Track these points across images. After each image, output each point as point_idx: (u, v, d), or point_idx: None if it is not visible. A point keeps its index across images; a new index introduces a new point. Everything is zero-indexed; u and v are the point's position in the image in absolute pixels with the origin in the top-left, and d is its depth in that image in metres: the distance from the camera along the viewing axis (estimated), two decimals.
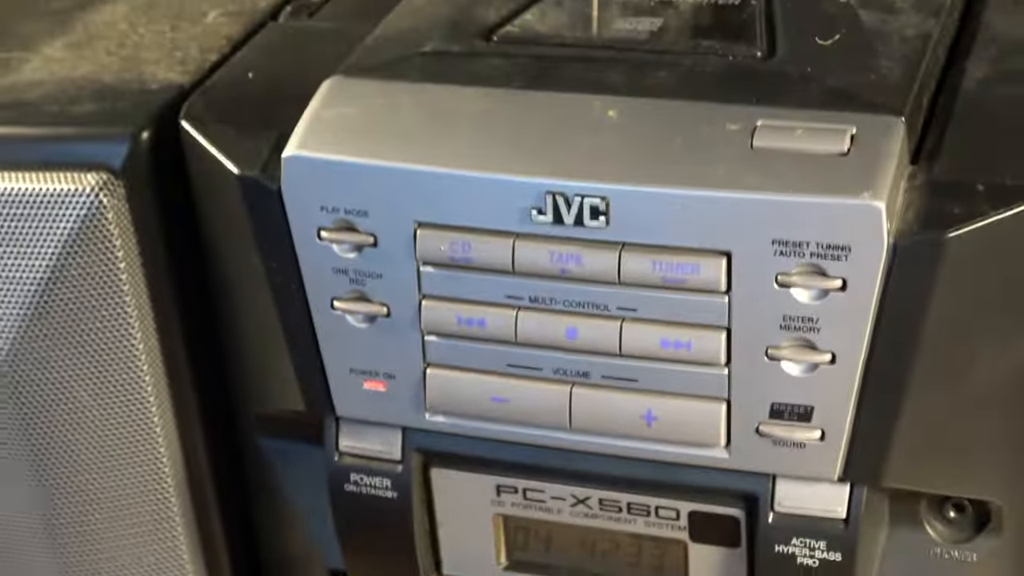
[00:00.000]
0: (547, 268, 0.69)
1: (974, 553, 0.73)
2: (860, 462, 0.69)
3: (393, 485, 0.76)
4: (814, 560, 0.72)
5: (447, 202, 0.69)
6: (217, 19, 0.84)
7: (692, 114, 0.69)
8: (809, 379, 0.68)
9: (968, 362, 0.67)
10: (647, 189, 0.66)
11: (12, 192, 0.74)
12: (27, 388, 0.78)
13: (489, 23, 0.77)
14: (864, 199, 0.63)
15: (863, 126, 0.66)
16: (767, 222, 0.65)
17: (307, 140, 0.71)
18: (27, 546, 0.83)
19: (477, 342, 0.72)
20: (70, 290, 0.76)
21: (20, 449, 0.80)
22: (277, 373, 0.77)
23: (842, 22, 0.75)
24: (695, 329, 0.69)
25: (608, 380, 0.71)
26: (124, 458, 0.81)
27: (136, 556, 0.84)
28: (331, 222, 0.71)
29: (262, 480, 0.84)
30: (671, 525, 0.74)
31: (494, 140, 0.70)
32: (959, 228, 0.64)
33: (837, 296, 0.65)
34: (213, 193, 0.75)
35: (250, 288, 0.76)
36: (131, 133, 0.75)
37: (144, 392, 0.79)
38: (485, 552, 0.78)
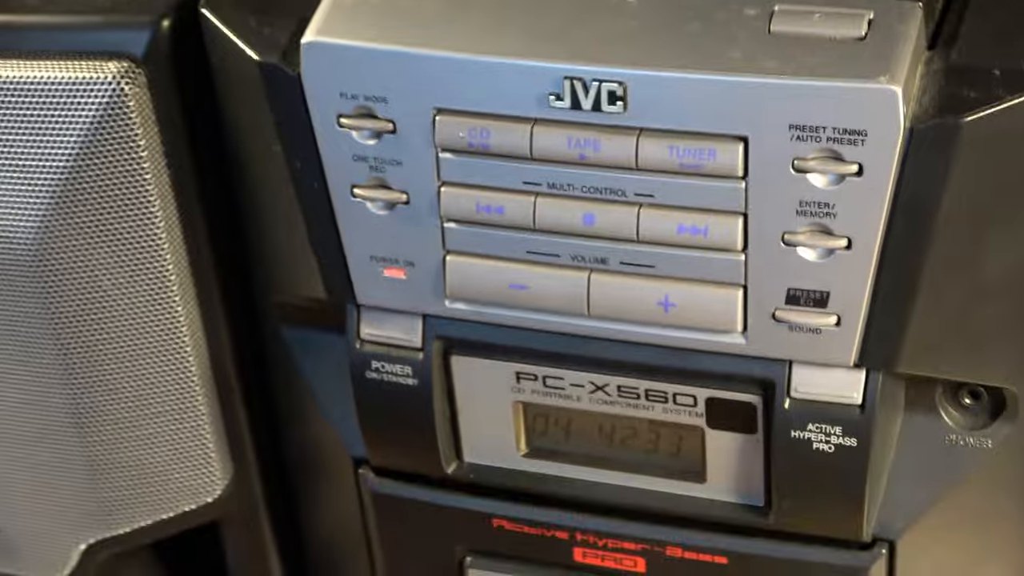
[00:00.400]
0: (565, 154, 0.70)
1: (989, 440, 0.74)
2: (876, 348, 0.70)
3: (414, 372, 0.77)
4: (830, 446, 0.72)
5: (465, 88, 0.70)
6: None
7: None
8: (825, 265, 0.69)
9: (984, 248, 0.68)
10: (664, 74, 0.67)
11: (34, 80, 0.75)
12: (52, 275, 0.80)
13: None
14: (880, 83, 0.64)
15: (881, 11, 0.66)
16: (784, 107, 0.65)
17: (326, 26, 0.71)
18: (57, 432, 0.85)
19: (496, 229, 0.73)
20: (92, 178, 0.77)
21: (46, 336, 0.81)
22: (298, 261, 0.78)
23: None
24: (712, 215, 0.69)
25: (625, 266, 0.72)
26: (148, 346, 0.82)
27: (161, 444, 0.85)
28: (350, 109, 0.72)
29: (285, 369, 0.85)
30: (688, 411, 0.75)
31: (512, 25, 0.70)
32: (975, 113, 0.64)
33: (853, 181, 0.66)
34: (234, 81, 0.76)
35: (271, 176, 0.77)
36: (152, 21, 0.75)
37: (167, 280, 0.80)
38: (505, 439, 0.79)
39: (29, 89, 0.76)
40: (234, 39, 0.75)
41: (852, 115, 0.65)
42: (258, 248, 0.81)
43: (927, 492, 0.75)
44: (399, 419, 0.80)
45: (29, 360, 0.83)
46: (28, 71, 0.76)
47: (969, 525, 0.76)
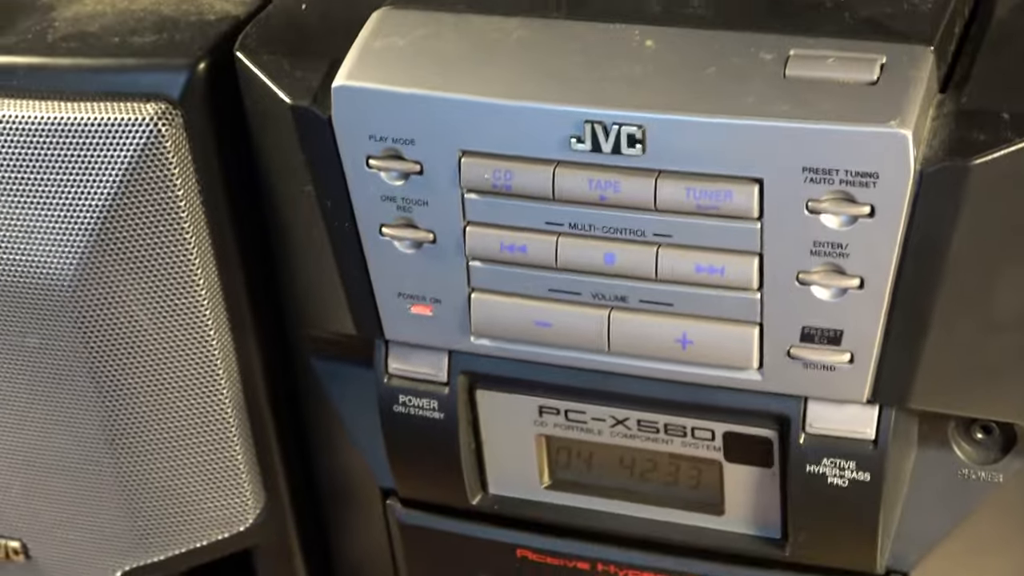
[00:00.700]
0: (586, 195, 0.71)
1: (1000, 474, 0.75)
2: (888, 384, 0.71)
3: (440, 406, 0.79)
4: (844, 480, 0.73)
5: (490, 130, 0.71)
6: None
7: (727, 44, 0.71)
8: (838, 303, 0.70)
9: (993, 286, 0.69)
10: (682, 118, 0.68)
11: (75, 121, 0.77)
12: (89, 310, 0.81)
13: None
14: (891, 127, 0.65)
15: (893, 55, 0.68)
16: (798, 150, 0.67)
17: (356, 70, 0.73)
18: (93, 461, 0.87)
19: (519, 267, 0.74)
20: (131, 216, 0.79)
21: (82, 367, 0.83)
22: (329, 296, 0.80)
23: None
24: (728, 254, 0.71)
25: (645, 304, 0.73)
26: (182, 378, 0.84)
27: (194, 473, 0.87)
28: (379, 150, 0.74)
29: (315, 400, 0.87)
30: (707, 445, 0.77)
31: (535, 70, 0.72)
32: (984, 155, 0.65)
33: (865, 222, 0.67)
34: (267, 122, 0.78)
35: (303, 214, 0.78)
36: (189, 64, 0.77)
37: (202, 314, 0.82)
38: (529, 471, 0.81)
39: (69, 129, 0.78)
40: (267, 82, 0.77)
41: (864, 158, 0.66)
42: (290, 283, 0.83)
43: (940, 525, 0.76)
44: (426, 452, 0.81)
45: (65, 390, 0.85)
46: (68, 112, 0.77)
47: (981, 557, 0.77)
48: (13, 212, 0.80)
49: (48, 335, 0.83)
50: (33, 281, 0.81)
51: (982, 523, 0.76)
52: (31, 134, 0.78)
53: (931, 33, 0.69)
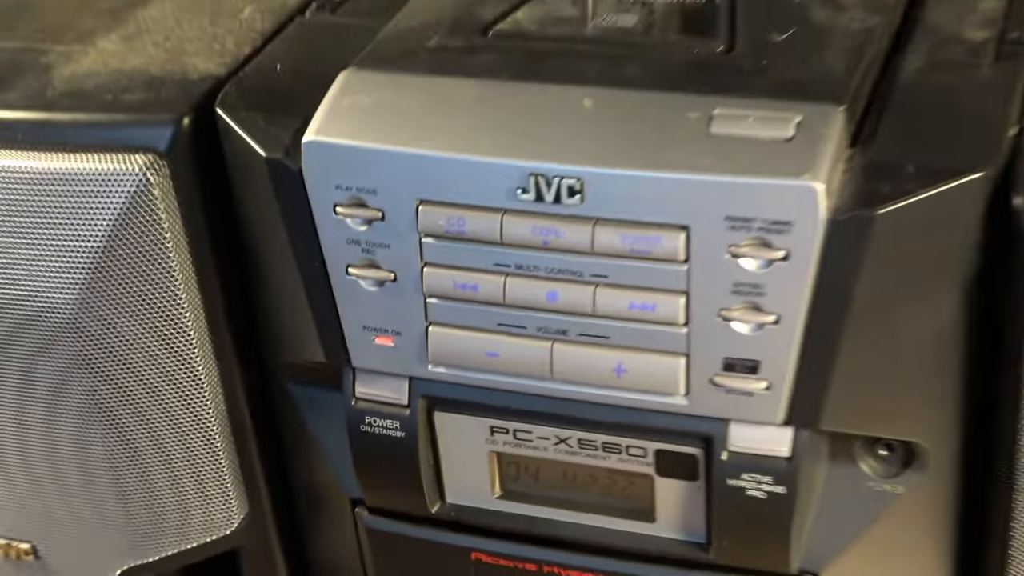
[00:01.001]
0: (530, 240, 0.70)
1: (901, 487, 0.74)
2: (801, 408, 0.70)
3: (402, 426, 0.77)
4: (761, 492, 0.72)
5: (444, 182, 0.70)
6: (251, 14, 0.84)
7: (659, 104, 0.69)
8: (757, 337, 0.69)
9: (895, 324, 0.68)
10: (617, 171, 0.67)
11: (72, 171, 0.75)
12: (88, 340, 0.80)
13: (486, 21, 0.77)
14: (804, 181, 0.64)
15: (808, 115, 0.67)
16: (721, 200, 0.66)
17: (324, 126, 0.72)
18: (94, 472, 0.85)
19: (471, 304, 0.73)
20: (122, 257, 0.77)
21: (83, 392, 0.81)
22: (302, 329, 0.78)
23: (795, 19, 0.75)
24: (658, 293, 0.69)
25: (584, 337, 0.72)
26: (172, 400, 0.82)
27: (185, 483, 0.85)
28: (345, 199, 0.72)
29: (292, 420, 0.85)
30: (640, 461, 0.75)
31: (486, 127, 0.70)
32: (888, 206, 0.64)
33: (781, 265, 0.66)
34: (245, 173, 0.76)
35: (277, 255, 0.77)
36: (174, 120, 0.75)
37: (189, 343, 0.80)
38: (482, 483, 0.79)
39: (66, 178, 0.76)
40: (244, 136, 0.75)
41: (780, 208, 0.65)
42: (267, 317, 0.81)
43: (847, 531, 0.75)
44: (389, 466, 0.79)
45: (68, 410, 0.83)
46: (65, 163, 0.76)
47: (885, 559, 0.76)
48: (18, 251, 0.78)
49: (52, 360, 0.81)
50: (37, 312, 0.79)
51: (885, 530, 0.75)
52: (33, 182, 0.76)
53: (842, 94, 0.68)
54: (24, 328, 0.80)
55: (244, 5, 0.86)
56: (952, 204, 0.65)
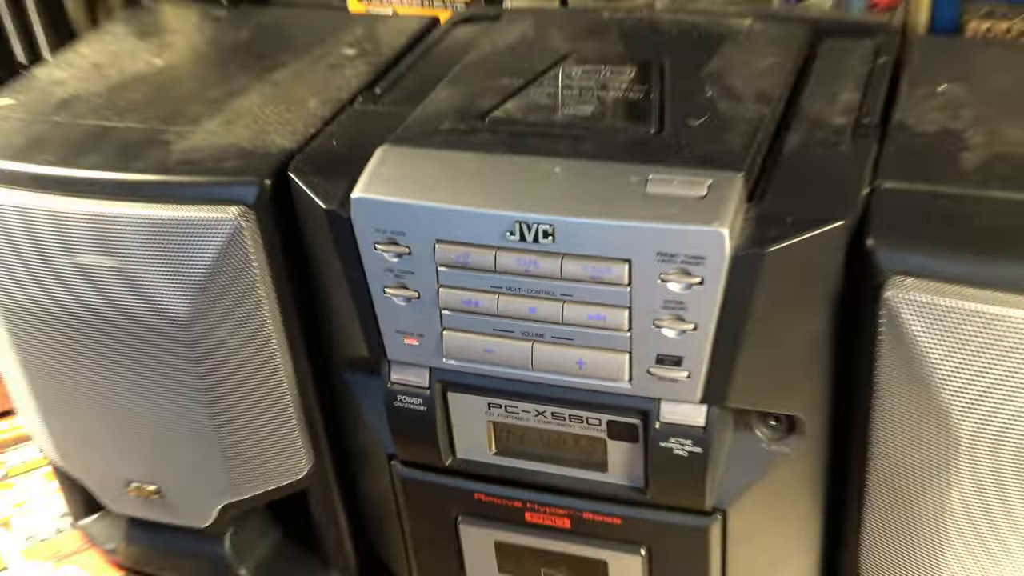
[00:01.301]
0: (516, 269, 0.68)
1: (786, 448, 0.73)
2: (712, 391, 0.69)
3: (424, 403, 0.75)
4: (684, 451, 0.71)
5: (454, 227, 0.68)
6: (315, 105, 0.82)
7: (608, 171, 0.68)
8: (680, 339, 0.67)
9: (781, 330, 0.67)
10: (579, 220, 0.66)
11: (185, 218, 0.74)
12: (197, 339, 0.78)
13: (484, 109, 0.75)
14: (714, 227, 0.63)
15: (716, 179, 0.65)
16: (654, 241, 0.64)
17: (367, 187, 0.70)
18: (200, 434, 0.83)
19: (474, 315, 0.71)
20: (222, 279, 0.75)
21: (193, 376, 0.79)
22: (352, 332, 0.76)
23: (707, 109, 0.73)
24: (609, 308, 0.68)
25: (555, 339, 0.70)
26: (258, 382, 0.80)
27: (268, 443, 0.83)
28: (382, 239, 0.70)
29: (345, 397, 0.83)
30: (596, 428, 0.73)
31: (483, 187, 0.69)
32: (774, 246, 0.63)
33: (697, 288, 0.65)
34: (310, 220, 0.74)
35: (334, 279, 0.75)
36: (259, 181, 0.74)
37: (270, 342, 0.78)
38: (482, 444, 0.77)
39: (181, 223, 0.74)
40: (310, 194, 0.73)
41: (696, 247, 0.64)
42: (327, 323, 0.79)
43: (746, 479, 0.73)
44: (415, 431, 0.78)
45: (182, 389, 0.81)
46: (180, 212, 0.74)
47: (773, 499, 0.74)
48: (147, 275, 0.76)
49: (171, 352, 0.79)
50: (160, 319, 0.78)
51: (774, 479, 0.73)
52: (158, 226, 0.75)
53: (741, 164, 0.67)
54: (151, 329, 0.79)
55: (309, 97, 0.84)
56: (821, 245, 0.64)
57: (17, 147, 0.80)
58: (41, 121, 0.84)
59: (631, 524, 0.76)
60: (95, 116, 0.84)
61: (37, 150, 0.80)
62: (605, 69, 0.79)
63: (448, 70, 0.83)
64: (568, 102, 0.76)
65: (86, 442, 0.90)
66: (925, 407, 0.64)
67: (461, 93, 0.79)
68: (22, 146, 0.80)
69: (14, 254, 0.80)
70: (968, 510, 0.66)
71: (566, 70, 0.80)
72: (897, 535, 0.71)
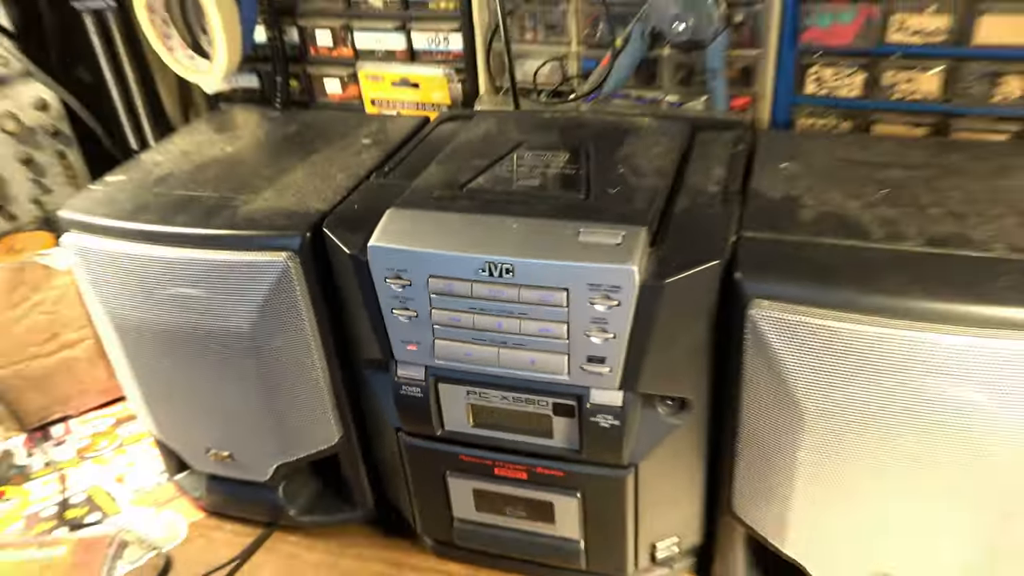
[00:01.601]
0: (487, 295, 0.66)
1: (678, 420, 0.71)
2: (627, 381, 0.67)
3: (421, 391, 0.73)
4: (608, 423, 0.69)
5: (442, 267, 0.66)
6: (342, 179, 0.79)
7: (552, 225, 0.66)
8: (604, 344, 0.65)
9: (674, 338, 0.65)
10: (532, 261, 0.64)
11: (248, 261, 0.71)
12: (257, 346, 0.75)
13: (462, 182, 0.73)
14: (627, 266, 0.62)
15: (628, 232, 0.64)
16: (584, 276, 0.63)
17: (379, 238, 0.68)
18: (256, 413, 0.80)
19: (457, 328, 0.69)
20: (275, 304, 0.73)
21: (254, 372, 0.76)
22: (369, 340, 0.74)
23: (620, 181, 0.72)
24: (553, 323, 0.66)
25: (515, 345, 0.68)
26: (301, 377, 0.77)
27: (309, 420, 0.80)
28: (390, 275, 0.68)
29: (365, 387, 0.79)
30: (545, 408, 0.71)
31: (463, 238, 0.67)
32: (669, 279, 0.62)
33: (616, 308, 0.63)
34: (339, 262, 0.72)
35: (355, 303, 0.72)
36: (301, 234, 0.71)
37: (310, 348, 0.75)
38: (463, 419, 0.74)
39: (246, 264, 0.72)
40: (338, 243, 0.71)
41: (615, 279, 0.62)
42: (351, 334, 0.76)
43: (651, 443, 0.71)
44: (415, 411, 0.75)
45: (245, 382, 0.78)
46: (245, 256, 0.72)
47: (671, 458, 0.73)
48: (221, 301, 0.74)
49: (238, 358, 0.76)
50: (229, 332, 0.75)
51: (671, 443, 0.71)
52: (230, 267, 0.72)
53: (645, 221, 0.65)
54: (224, 340, 0.76)
55: (337, 174, 0.81)
56: (703, 278, 0.63)
57: (128, 210, 0.78)
58: (144, 192, 0.81)
59: (570, 476, 0.74)
60: (183, 188, 0.81)
61: (142, 213, 0.77)
62: (547, 153, 0.78)
63: (437, 154, 0.81)
64: (521, 177, 0.75)
65: (177, 420, 0.87)
66: (778, 391, 0.64)
67: (446, 170, 0.77)
68: (131, 210, 0.78)
69: (126, 287, 0.77)
70: (809, 460, 0.66)
71: (520, 154, 0.79)
72: (759, 479, 0.70)
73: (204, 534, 0.92)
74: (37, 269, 1.04)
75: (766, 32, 0.95)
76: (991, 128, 0.93)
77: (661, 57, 1.00)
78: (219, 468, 0.89)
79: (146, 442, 1.04)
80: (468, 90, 1.10)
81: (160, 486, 0.98)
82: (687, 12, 0.93)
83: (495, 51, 1.06)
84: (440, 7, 1.09)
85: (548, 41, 1.05)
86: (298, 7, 1.15)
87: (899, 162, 0.75)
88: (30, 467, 1.02)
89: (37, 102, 1.22)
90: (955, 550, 0.66)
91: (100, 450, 1.04)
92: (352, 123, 0.94)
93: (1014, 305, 0.58)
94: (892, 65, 0.94)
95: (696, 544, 0.79)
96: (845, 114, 0.98)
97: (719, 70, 0.95)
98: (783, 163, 0.76)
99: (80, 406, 1.09)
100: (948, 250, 0.62)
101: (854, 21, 0.93)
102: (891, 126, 0.97)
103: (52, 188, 1.25)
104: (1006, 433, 0.59)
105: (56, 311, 1.05)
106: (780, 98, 0.99)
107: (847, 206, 0.69)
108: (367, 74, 1.15)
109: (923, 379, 0.59)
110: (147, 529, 0.92)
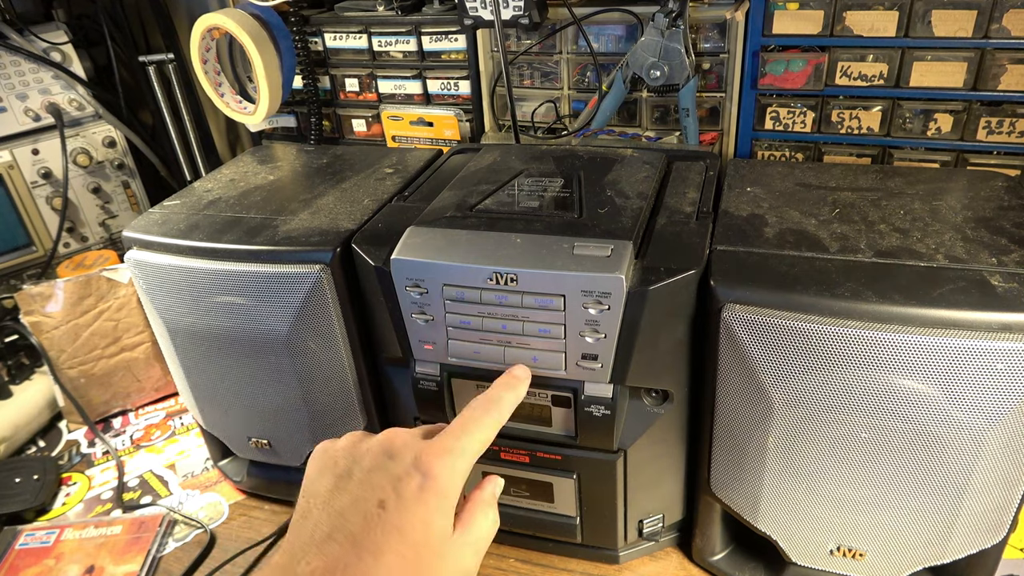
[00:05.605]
0: (494, 301, 0.64)
1: (662, 410, 0.69)
2: (617, 376, 0.65)
3: (436, 384, 0.71)
4: (600, 413, 0.67)
5: (455, 276, 0.65)
6: (368, 203, 0.78)
7: (550, 240, 0.65)
8: (597, 343, 0.64)
9: (657, 338, 0.64)
10: (532, 271, 0.62)
11: (287, 272, 0.70)
12: (294, 347, 0.73)
13: (472, 204, 0.72)
14: (616, 275, 0.60)
15: (616, 245, 0.63)
16: (579, 284, 0.61)
17: (400, 252, 0.66)
18: (294, 407, 0.78)
19: (468, 330, 0.67)
20: (310, 309, 0.71)
21: (291, 370, 0.74)
22: (391, 341, 0.72)
23: (608, 203, 0.70)
24: (552, 325, 0.64)
25: (519, 344, 0.66)
26: (332, 373, 0.75)
27: (339, 408, 0.77)
28: (410, 283, 0.66)
29: (387, 381, 0.77)
30: (544, 399, 0.69)
31: (473, 251, 0.65)
32: (653, 286, 0.61)
33: (606, 311, 0.62)
34: (365, 273, 0.70)
35: (380, 308, 0.71)
36: (333, 249, 0.69)
37: (339, 348, 0.73)
38: None
39: (285, 276, 0.70)
40: (365, 257, 0.69)
41: (606, 287, 0.61)
42: (376, 336, 0.74)
43: (638, 431, 0.70)
44: (431, 402, 0.73)
45: (283, 379, 0.76)
46: (283, 268, 0.70)
47: (657, 443, 0.71)
48: (263, 308, 0.72)
49: (277, 355, 0.74)
50: (269, 336, 0.73)
51: (655, 431, 0.70)
52: (270, 278, 0.70)
53: (631, 236, 0.64)
54: (265, 342, 0.74)
55: (364, 198, 0.79)
56: (682, 285, 0.62)
57: (181, 230, 0.76)
58: (196, 214, 0.79)
59: (567, 459, 0.72)
60: (230, 211, 0.79)
61: (194, 232, 0.75)
62: (545, 180, 0.76)
63: (449, 181, 0.80)
64: (523, 199, 0.73)
65: (221, 412, 0.84)
66: (749, 384, 0.62)
67: (458, 195, 0.76)
68: (184, 229, 0.76)
69: (178, 296, 0.75)
70: (778, 446, 0.64)
71: (521, 180, 0.77)
72: (734, 462, 0.68)
73: (244, 513, 0.89)
74: (102, 282, 1.03)
75: (730, 78, 0.95)
76: (925, 158, 0.93)
77: (640, 99, 1.00)
78: (258, 455, 0.86)
79: (194, 432, 1.02)
80: (475, 127, 1.10)
81: (206, 472, 0.95)
82: (662, 61, 0.93)
83: (498, 94, 1.06)
84: (451, 58, 1.09)
85: (543, 86, 1.05)
86: (330, 59, 1.15)
87: (849, 186, 0.74)
88: (93, 455, 1.00)
89: (106, 140, 1.22)
90: (914, 526, 0.64)
91: (153, 440, 1.02)
92: (376, 156, 0.93)
93: (954, 308, 0.56)
94: (839, 105, 0.93)
95: (679, 520, 0.77)
96: (799, 146, 0.98)
97: (690, 110, 0.95)
98: (748, 187, 0.75)
99: (137, 401, 1.07)
100: (895, 260, 0.61)
101: (804, 69, 0.93)
102: (839, 156, 0.96)
103: (117, 213, 1.25)
104: (952, 420, 0.58)
105: (118, 318, 1.03)
106: (743, 133, 0.98)
107: (805, 223, 0.67)
108: (389, 114, 1.14)
109: (876, 373, 0.58)
110: (193, 510, 0.90)
